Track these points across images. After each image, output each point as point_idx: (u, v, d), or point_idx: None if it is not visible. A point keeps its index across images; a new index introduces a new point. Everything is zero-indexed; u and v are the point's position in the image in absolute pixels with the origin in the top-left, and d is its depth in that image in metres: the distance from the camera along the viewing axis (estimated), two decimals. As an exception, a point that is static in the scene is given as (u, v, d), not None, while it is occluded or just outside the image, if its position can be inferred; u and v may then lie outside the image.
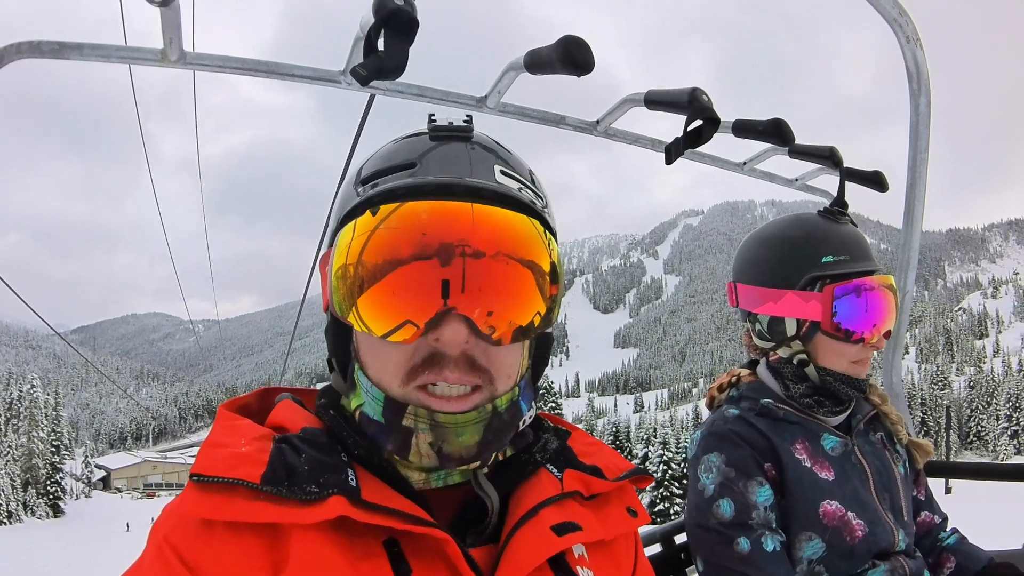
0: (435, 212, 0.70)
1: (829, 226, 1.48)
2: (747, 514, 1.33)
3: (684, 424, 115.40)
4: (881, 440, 1.53)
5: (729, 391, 1.60)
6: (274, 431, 0.77)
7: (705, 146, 1.81)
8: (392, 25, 0.83)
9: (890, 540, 1.38)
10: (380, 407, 0.73)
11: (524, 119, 1.69)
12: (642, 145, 1.86)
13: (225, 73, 1.35)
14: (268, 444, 0.72)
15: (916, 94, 1.86)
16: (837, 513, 1.35)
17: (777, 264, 1.48)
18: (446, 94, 1.58)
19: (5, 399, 68.50)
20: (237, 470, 0.67)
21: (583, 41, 1.16)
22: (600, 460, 0.90)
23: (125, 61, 1.28)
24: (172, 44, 1.24)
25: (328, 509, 0.66)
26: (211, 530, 0.67)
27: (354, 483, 0.71)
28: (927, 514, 1.60)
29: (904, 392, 2.12)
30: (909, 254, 2.07)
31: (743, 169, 2.07)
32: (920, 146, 1.93)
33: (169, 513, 0.71)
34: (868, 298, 1.40)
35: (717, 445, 1.42)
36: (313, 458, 0.71)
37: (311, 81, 1.40)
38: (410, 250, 0.69)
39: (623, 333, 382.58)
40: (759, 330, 1.53)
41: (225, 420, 0.79)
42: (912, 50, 1.76)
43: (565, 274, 1.21)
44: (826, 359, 1.44)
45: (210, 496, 0.67)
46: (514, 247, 0.72)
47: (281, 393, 0.89)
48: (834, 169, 1.88)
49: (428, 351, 0.71)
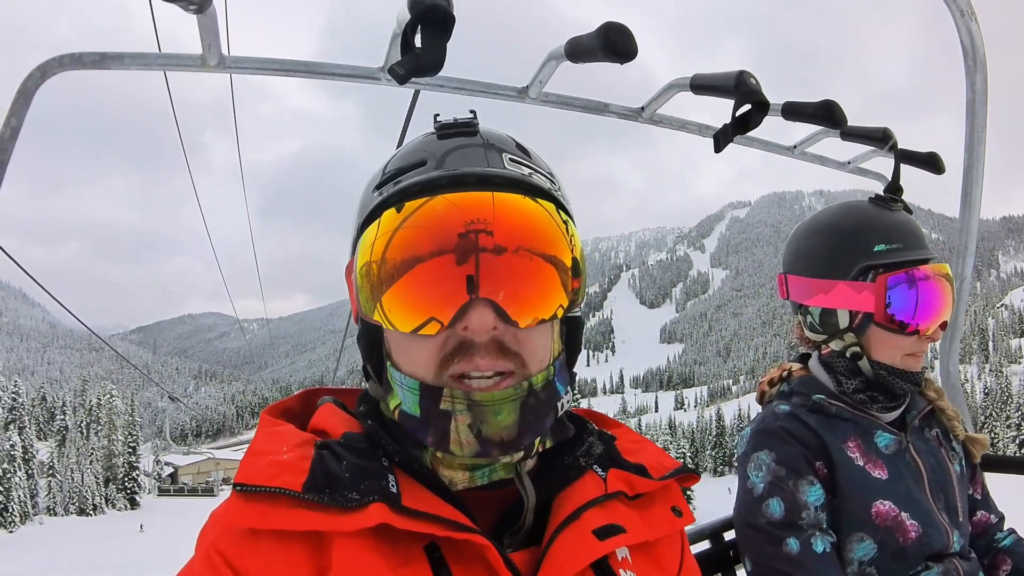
0: (453, 204, 0.71)
1: (881, 213, 1.42)
2: (797, 514, 1.30)
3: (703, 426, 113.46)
4: (936, 437, 1.47)
5: (780, 385, 1.55)
6: (316, 436, 0.78)
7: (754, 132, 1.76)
8: (428, 21, 0.82)
9: (944, 541, 1.32)
10: (417, 396, 0.73)
11: (567, 108, 1.65)
12: (689, 131, 1.81)
13: (264, 75, 1.37)
14: (310, 450, 0.73)
15: (972, 71, 1.75)
16: (890, 513, 1.30)
17: (828, 254, 1.43)
18: (487, 86, 1.56)
19: (84, 405, 75.50)
20: (279, 478, 0.68)
21: (625, 28, 1.12)
22: (645, 458, 0.89)
23: (165, 68, 1.31)
24: (211, 49, 1.26)
25: (369, 516, 0.67)
26: (258, 537, 0.68)
27: (395, 489, 0.71)
28: (983, 513, 1.53)
29: (961, 384, 2.02)
30: (967, 239, 1.96)
31: (793, 153, 1.99)
32: (977, 125, 1.82)
33: (216, 520, 0.72)
34: (923, 288, 1.34)
35: (767, 442, 1.38)
36: (354, 464, 0.72)
37: (350, 79, 1.40)
38: (432, 246, 0.70)
39: (669, 328, 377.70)
40: (810, 323, 1.48)
41: (267, 427, 0.80)
42: (967, 24, 1.66)
43: (612, 268, 1.16)
44: (880, 352, 1.39)
45: (254, 505, 0.68)
46: (535, 241, 0.72)
47: (323, 396, 0.89)
48: (888, 151, 1.80)
49: (458, 340, 0.72)
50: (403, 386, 0.75)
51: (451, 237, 0.69)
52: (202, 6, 1.03)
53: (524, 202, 0.73)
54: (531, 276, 0.72)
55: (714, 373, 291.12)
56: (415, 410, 0.73)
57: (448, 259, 0.69)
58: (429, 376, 0.73)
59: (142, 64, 1.29)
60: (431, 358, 0.72)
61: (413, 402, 0.74)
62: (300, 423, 0.82)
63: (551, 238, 0.73)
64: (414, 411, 0.74)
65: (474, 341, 0.71)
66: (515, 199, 0.73)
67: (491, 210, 0.70)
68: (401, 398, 0.75)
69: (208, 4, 1.03)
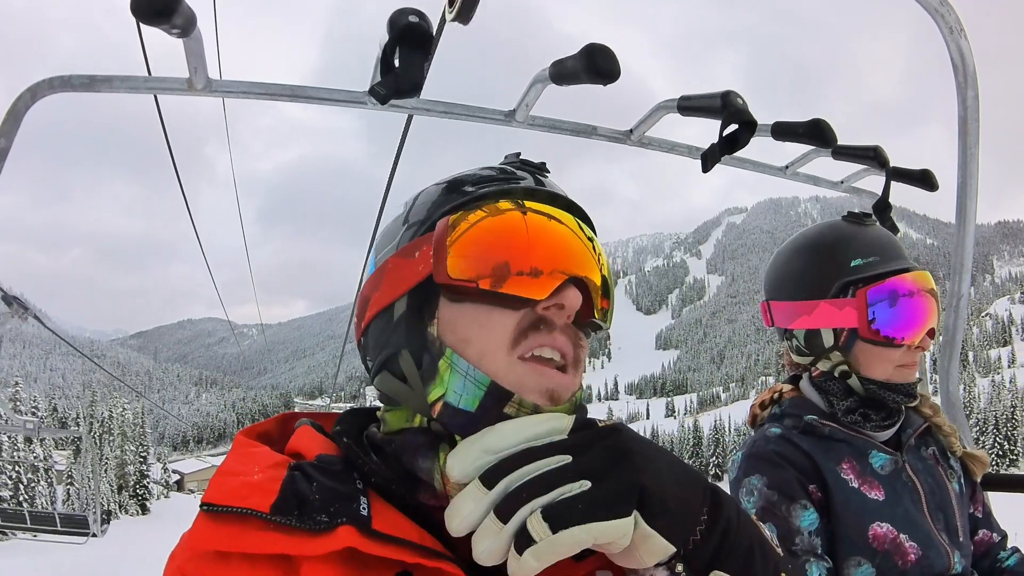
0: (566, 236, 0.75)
1: (856, 230, 1.42)
2: (791, 540, 1.27)
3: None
4: (933, 455, 1.45)
5: (771, 408, 1.53)
6: (291, 458, 0.75)
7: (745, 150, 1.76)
8: (407, 41, 0.82)
9: (945, 563, 1.30)
10: (482, 392, 0.70)
11: (555, 131, 1.65)
12: (679, 153, 1.80)
13: (250, 99, 1.36)
14: (282, 472, 0.71)
15: (963, 87, 1.75)
16: (888, 536, 1.28)
17: (806, 275, 1.42)
18: (474, 110, 1.55)
19: (96, 416, 77.59)
20: (248, 499, 0.66)
21: (607, 49, 1.11)
22: None
23: (153, 91, 1.30)
24: (197, 73, 1.25)
25: (337, 539, 0.64)
26: (227, 561, 0.66)
27: (366, 512, 0.68)
28: (985, 532, 1.50)
29: (961, 403, 2.00)
30: (963, 256, 1.96)
31: (785, 173, 1.99)
32: (970, 142, 1.82)
33: (185, 543, 0.69)
34: (904, 297, 1.33)
35: (758, 467, 1.36)
36: (325, 486, 0.69)
37: (336, 104, 1.40)
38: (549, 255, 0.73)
39: (664, 335, 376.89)
40: (796, 346, 1.47)
41: (241, 448, 0.77)
42: (956, 41, 1.66)
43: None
44: (870, 368, 1.37)
45: (220, 527, 0.66)
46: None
47: (300, 419, 0.87)
48: (880, 169, 1.80)
49: (534, 316, 0.71)
50: (469, 378, 0.71)
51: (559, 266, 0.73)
52: (186, 30, 1.02)
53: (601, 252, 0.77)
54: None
55: (707, 380, 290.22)
56: (472, 405, 0.70)
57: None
58: (502, 352, 0.71)
59: (130, 87, 1.29)
60: (508, 331, 0.71)
61: (474, 397, 0.70)
62: (278, 448, 0.79)
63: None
64: (470, 406, 0.70)
65: (553, 320, 0.71)
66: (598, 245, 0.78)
67: (595, 262, 0.76)
68: (456, 389, 0.71)
69: (192, 28, 1.02)
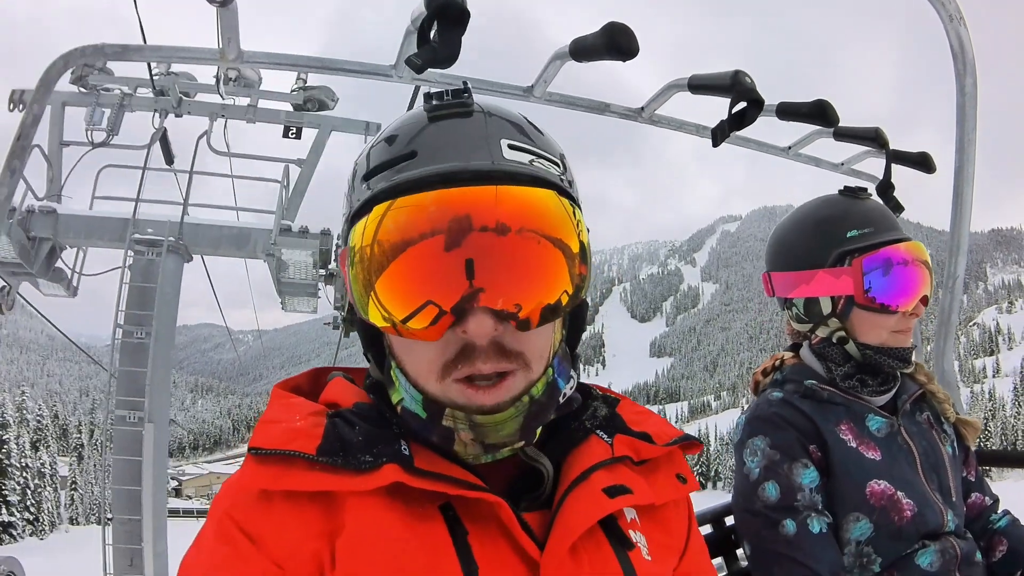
0: (448, 200, 0.68)
1: (852, 202, 1.49)
2: (792, 496, 1.33)
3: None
4: (928, 420, 1.50)
5: (773, 375, 1.59)
6: (327, 407, 0.79)
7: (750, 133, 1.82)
8: (444, 16, 0.88)
9: (939, 521, 1.35)
10: (420, 406, 0.73)
11: (571, 107, 1.71)
12: (687, 131, 1.87)
13: (279, 69, 1.41)
14: (322, 419, 0.74)
15: (961, 74, 1.82)
16: (886, 492, 1.34)
17: (804, 246, 1.49)
18: (493, 84, 1.60)
19: (97, 423, 77.79)
20: (294, 443, 0.70)
21: (627, 27, 1.18)
22: (649, 427, 0.91)
23: (185, 60, 1.35)
24: (230, 43, 1.29)
25: (383, 476, 0.68)
26: (270, 501, 0.69)
27: (407, 452, 0.72)
28: (977, 495, 1.55)
29: (956, 380, 2.06)
30: (959, 238, 2.02)
31: (788, 153, 2.05)
32: (968, 127, 1.89)
33: (228, 488, 0.73)
34: (898, 266, 1.40)
35: (761, 428, 1.41)
36: (366, 431, 0.73)
37: (362, 75, 1.44)
38: (426, 227, 0.67)
39: (659, 342, 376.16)
40: (796, 314, 1.54)
41: (280, 399, 0.81)
42: (956, 28, 1.73)
43: (604, 282, 1.17)
44: (865, 333, 1.44)
45: (268, 468, 0.69)
46: (539, 223, 0.69)
47: (332, 372, 0.90)
48: (880, 151, 1.86)
49: (460, 344, 0.70)
50: (407, 392, 0.75)
51: (446, 223, 0.67)
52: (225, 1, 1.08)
53: (524, 191, 0.70)
54: (533, 258, 0.69)
55: (699, 388, 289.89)
56: (420, 412, 0.73)
57: (443, 241, 0.66)
58: (432, 380, 0.71)
59: (161, 56, 1.33)
60: (434, 363, 0.71)
61: (420, 406, 0.73)
62: (311, 399, 0.82)
63: (557, 221, 0.70)
64: (419, 412, 0.73)
65: (475, 344, 0.69)
66: (515, 191, 0.69)
67: (492, 202, 0.68)
68: (406, 397, 0.75)
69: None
